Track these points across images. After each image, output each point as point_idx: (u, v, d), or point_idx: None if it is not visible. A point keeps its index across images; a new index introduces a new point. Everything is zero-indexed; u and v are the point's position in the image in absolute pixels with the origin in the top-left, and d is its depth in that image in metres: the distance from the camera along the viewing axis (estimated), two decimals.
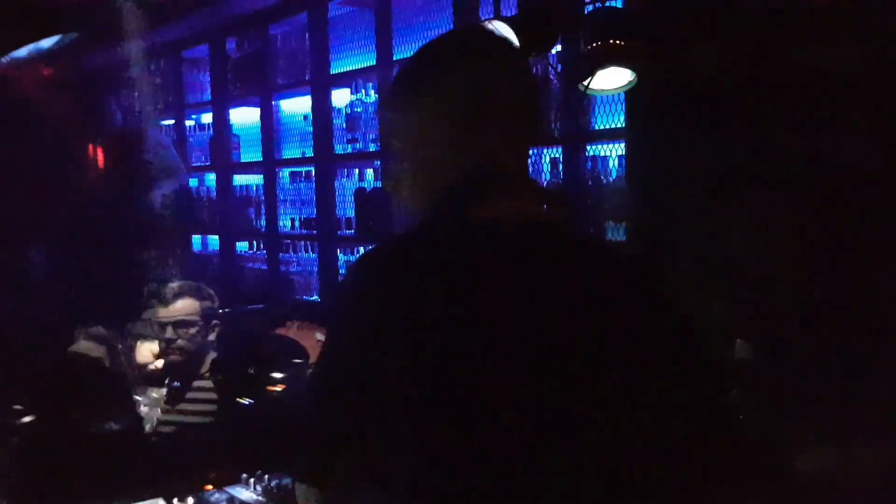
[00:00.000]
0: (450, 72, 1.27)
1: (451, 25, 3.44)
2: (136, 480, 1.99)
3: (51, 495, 1.77)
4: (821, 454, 2.17)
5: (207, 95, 4.98)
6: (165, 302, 2.89)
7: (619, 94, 2.39)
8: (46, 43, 4.33)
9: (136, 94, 5.39)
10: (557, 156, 3.11)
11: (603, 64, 1.94)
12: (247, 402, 2.54)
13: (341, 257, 4.23)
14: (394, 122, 1.33)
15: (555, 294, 1.16)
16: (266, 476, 1.92)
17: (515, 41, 1.92)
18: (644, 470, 1.20)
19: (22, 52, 4.38)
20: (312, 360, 2.49)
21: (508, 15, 2.19)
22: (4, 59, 4.43)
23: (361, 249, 4.20)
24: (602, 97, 2.71)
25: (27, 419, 2.22)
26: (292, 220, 4.49)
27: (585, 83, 2.03)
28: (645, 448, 1.19)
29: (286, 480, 1.92)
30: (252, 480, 1.91)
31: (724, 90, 2.13)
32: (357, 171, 4.13)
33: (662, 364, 1.21)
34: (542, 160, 3.32)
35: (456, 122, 1.23)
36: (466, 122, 1.23)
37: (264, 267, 4.65)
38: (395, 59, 3.74)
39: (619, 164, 2.92)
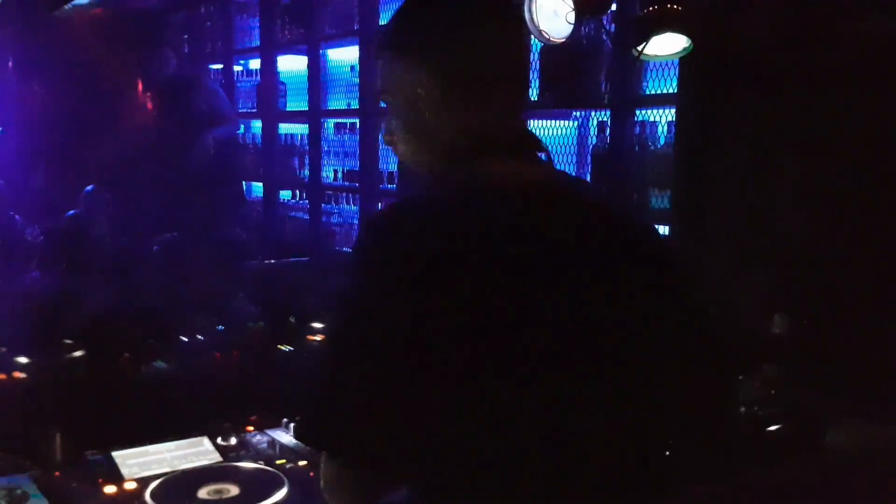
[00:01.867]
0: (447, 27, 1.23)
1: None
2: (183, 419, 2.06)
3: (100, 432, 1.84)
4: (854, 430, 2.18)
5: (256, 41, 4.99)
6: None
7: (673, 60, 2.36)
8: None
9: (187, 37, 5.43)
10: (605, 119, 3.09)
11: (658, 29, 1.92)
12: (287, 349, 2.60)
13: None
14: (391, 76, 1.27)
15: (578, 253, 1.15)
16: None
17: None
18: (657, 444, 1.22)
19: None
20: None
21: None
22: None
23: None
24: (655, 62, 2.68)
25: (78, 354, 2.30)
26: (335, 172, 4.52)
27: (639, 48, 2.00)
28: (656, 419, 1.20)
29: None
30: (292, 425, 1.97)
31: (779, 59, 2.09)
32: None
33: (675, 331, 1.21)
34: (591, 122, 3.31)
35: (456, 80, 1.21)
36: (468, 80, 1.21)
37: (306, 217, 4.70)
38: None
39: (668, 131, 2.89)
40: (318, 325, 2.84)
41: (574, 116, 3.41)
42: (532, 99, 3.35)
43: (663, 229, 2.82)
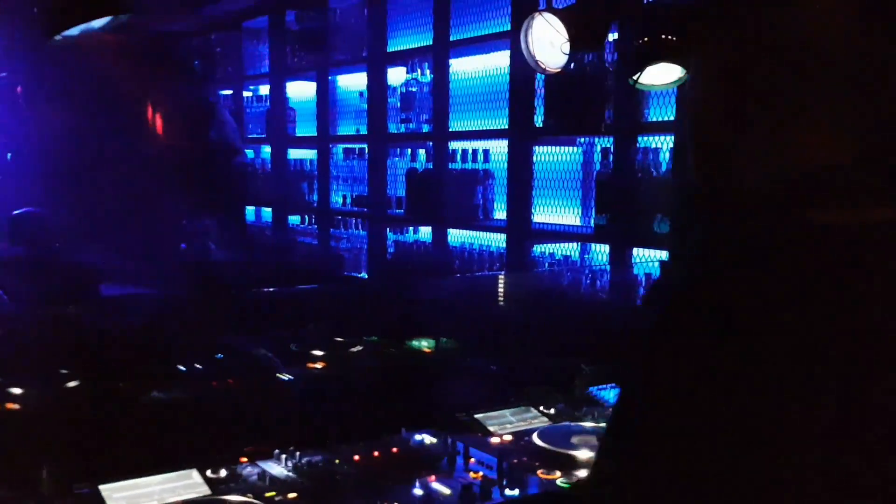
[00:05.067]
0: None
1: (509, 7, 3.42)
2: (177, 450, 2.05)
3: (89, 465, 1.84)
4: None
5: (265, 67, 5.03)
6: None
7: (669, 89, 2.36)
8: (105, 20, 4.42)
9: (198, 63, 5.48)
10: (609, 146, 3.08)
11: (652, 59, 1.91)
12: (286, 378, 2.59)
13: (391, 236, 4.27)
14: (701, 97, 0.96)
15: None
16: (297, 453, 1.96)
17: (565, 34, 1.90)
18: None
19: (88, 24, 4.47)
20: None
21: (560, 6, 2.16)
22: (70, 32, 4.53)
23: (411, 230, 4.24)
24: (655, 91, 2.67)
25: (73, 384, 2.30)
26: (344, 197, 4.54)
27: (635, 77, 2.00)
28: None
29: (316, 458, 1.96)
30: (284, 456, 1.95)
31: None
32: (409, 150, 4.14)
33: None
34: (595, 149, 3.30)
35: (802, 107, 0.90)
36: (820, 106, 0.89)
37: (315, 242, 4.72)
38: (451, 39, 3.73)
39: (671, 157, 2.88)
40: (318, 353, 2.82)
41: (579, 143, 3.41)
42: (537, 125, 3.36)
43: (663, 254, 2.80)
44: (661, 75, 1.98)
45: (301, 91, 4.92)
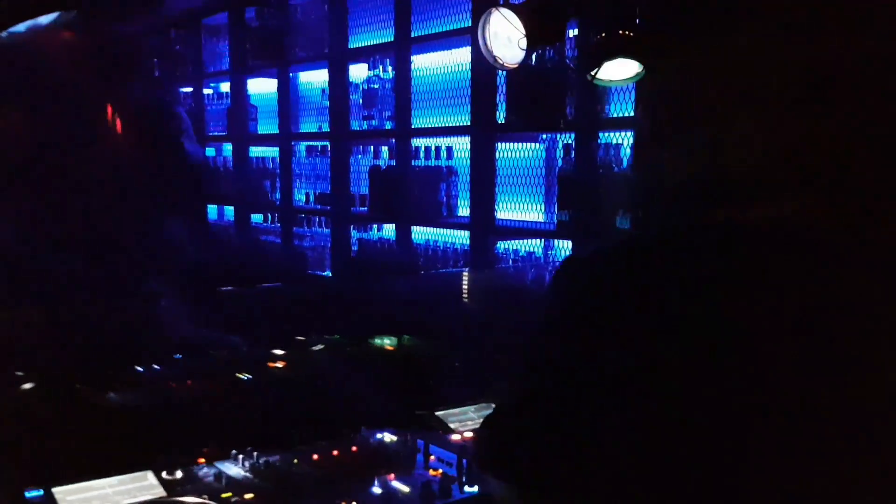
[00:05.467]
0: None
1: (469, 3, 3.41)
2: (135, 452, 2.02)
3: (41, 467, 1.80)
4: None
5: (226, 65, 4.97)
6: None
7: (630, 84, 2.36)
8: (57, 15, 4.32)
9: (157, 61, 5.40)
10: (571, 142, 3.08)
11: (610, 55, 1.91)
12: (245, 378, 2.56)
13: (355, 234, 4.24)
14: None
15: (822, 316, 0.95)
16: (255, 453, 1.93)
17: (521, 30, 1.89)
18: None
19: (41, 20, 4.38)
20: None
21: (517, 2, 2.15)
22: (20, 29, 4.43)
23: (375, 227, 4.22)
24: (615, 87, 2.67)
25: (28, 386, 2.26)
26: (307, 195, 4.50)
27: (592, 73, 2.00)
28: None
29: (274, 458, 1.94)
30: (241, 457, 1.93)
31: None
32: (372, 148, 4.12)
33: None
34: (557, 145, 3.30)
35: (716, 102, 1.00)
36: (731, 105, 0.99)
37: (278, 240, 4.67)
38: (413, 35, 3.72)
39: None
40: (279, 352, 2.80)
41: (541, 139, 3.41)
42: (500, 122, 3.36)
43: None
44: (619, 71, 1.98)
45: (262, 88, 4.88)
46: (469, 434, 2.07)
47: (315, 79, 4.50)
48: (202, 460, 1.98)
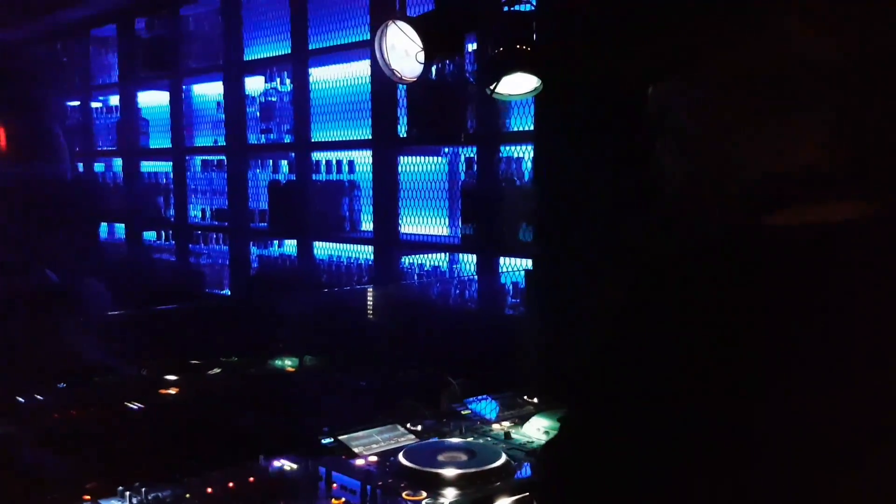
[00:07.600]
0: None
1: (367, 16, 3.36)
2: (13, 490, 1.87)
3: None
4: None
5: (115, 77, 4.78)
6: None
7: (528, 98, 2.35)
8: None
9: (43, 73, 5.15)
10: (473, 156, 3.07)
11: (508, 69, 1.89)
12: (135, 407, 2.42)
13: (254, 250, 4.12)
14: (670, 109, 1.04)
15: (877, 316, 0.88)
16: (144, 489, 1.82)
17: (419, 42, 1.85)
18: None
19: None
20: None
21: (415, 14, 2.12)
22: None
23: (275, 243, 4.11)
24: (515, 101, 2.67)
25: None
26: (203, 211, 4.35)
27: (492, 87, 1.97)
28: None
29: (165, 493, 1.82)
30: (129, 493, 1.80)
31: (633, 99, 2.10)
32: (271, 162, 4.02)
33: None
34: (460, 159, 3.29)
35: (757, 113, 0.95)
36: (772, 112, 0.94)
37: (173, 258, 4.50)
38: (310, 48, 3.64)
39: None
40: (172, 378, 2.66)
41: (444, 153, 3.38)
42: (401, 135, 3.32)
43: (527, 262, 2.80)
44: (518, 85, 1.97)
45: (154, 101, 4.70)
46: (373, 458, 2.00)
47: (209, 91, 4.36)
48: (87, 497, 1.85)
